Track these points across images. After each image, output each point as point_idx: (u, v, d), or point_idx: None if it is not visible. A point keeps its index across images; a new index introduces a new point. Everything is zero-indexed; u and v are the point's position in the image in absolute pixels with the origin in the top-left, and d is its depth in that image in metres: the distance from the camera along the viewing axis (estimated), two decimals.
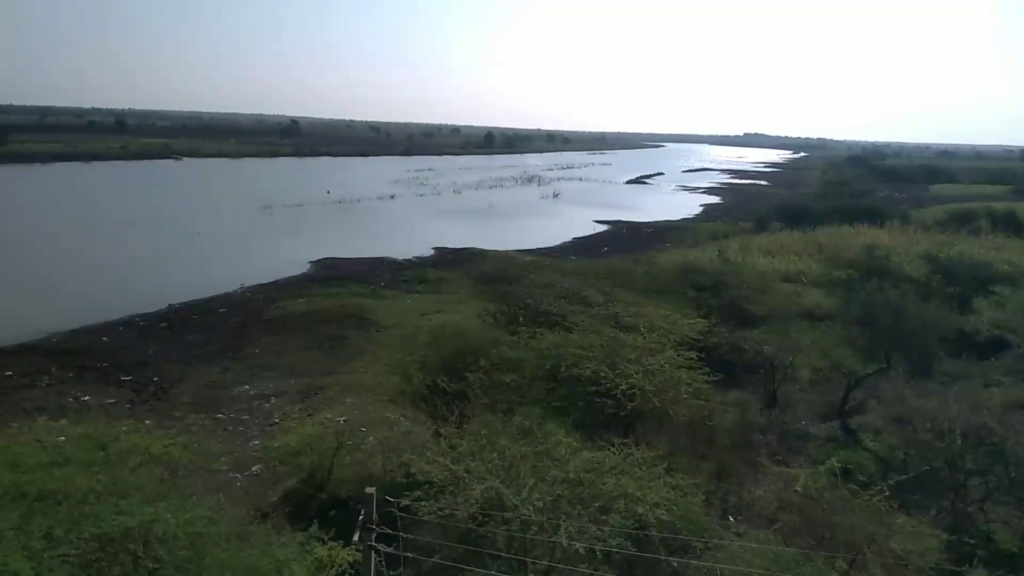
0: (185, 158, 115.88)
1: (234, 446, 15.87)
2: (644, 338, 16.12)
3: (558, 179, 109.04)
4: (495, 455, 10.05)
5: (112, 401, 18.55)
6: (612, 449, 10.88)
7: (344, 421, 15.71)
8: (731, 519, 13.09)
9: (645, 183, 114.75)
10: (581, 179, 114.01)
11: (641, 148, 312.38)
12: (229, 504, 10.62)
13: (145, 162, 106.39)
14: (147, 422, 15.80)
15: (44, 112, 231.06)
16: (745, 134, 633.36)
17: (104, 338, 24.51)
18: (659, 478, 10.28)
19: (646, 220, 63.61)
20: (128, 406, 18.24)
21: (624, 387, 13.40)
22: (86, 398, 18.73)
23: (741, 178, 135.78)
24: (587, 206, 73.26)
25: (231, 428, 17.30)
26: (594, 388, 13.66)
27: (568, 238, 51.92)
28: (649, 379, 13.78)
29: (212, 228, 48.74)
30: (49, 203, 58.67)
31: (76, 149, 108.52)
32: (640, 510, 9.20)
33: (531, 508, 8.81)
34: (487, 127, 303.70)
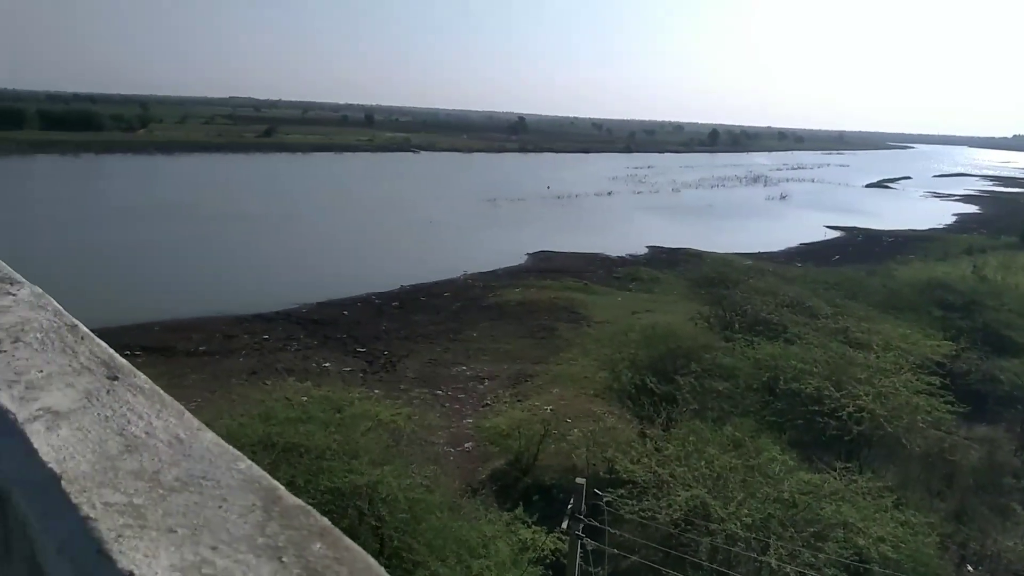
0: (422, 151, 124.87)
1: (450, 422, 16.91)
2: (877, 357, 14.75)
3: (787, 180, 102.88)
4: (703, 463, 9.76)
5: (348, 369, 20.55)
6: (832, 473, 10.11)
7: (551, 410, 16.10)
8: (970, 568, 11.62)
9: (888, 187, 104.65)
10: (813, 181, 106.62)
11: (885, 149, 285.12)
12: (443, 475, 11.32)
13: (387, 154, 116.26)
14: (376, 391, 17.31)
15: (306, 107, 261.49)
16: (1015, 136, 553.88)
17: (345, 312, 27.17)
18: (886, 511, 9.39)
19: (886, 228, 58.00)
20: (361, 375, 20.11)
21: (851, 408, 12.37)
22: (327, 364, 20.91)
23: (1007, 186, 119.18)
24: (818, 210, 68.37)
25: (448, 405, 18.43)
26: (815, 406, 12.76)
27: (794, 243, 48.83)
28: (881, 402, 12.60)
29: (442, 217, 52.09)
30: (307, 189, 66.15)
31: (331, 141, 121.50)
32: (861, 542, 8.48)
33: (738, 523, 8.46)
34: (712, 124, 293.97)
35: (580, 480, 7.07)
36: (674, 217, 59.41)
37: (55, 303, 0.86)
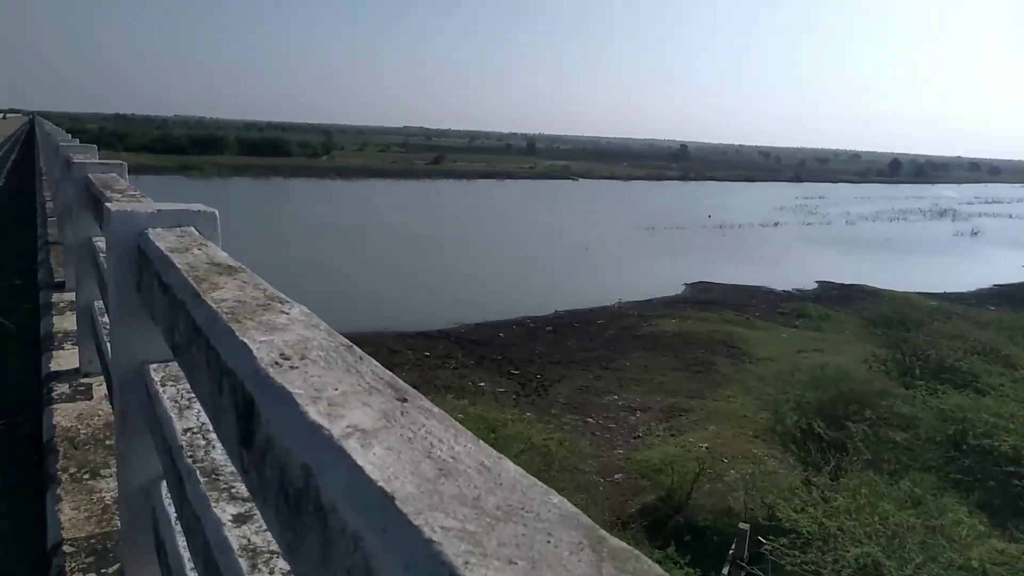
0: (581, 179, 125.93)
1: (600, 451, 16.74)
2: None
3: (979, 215, 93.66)
4: (876, 519, 9.01)
5: (502, 390, 20.94)
6: None
7: (706, 448, 15.54)
8: None
9: None
10: (1011, 216, 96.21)
11: None
12: (593, 505, 11.22)
13: (547, 181, 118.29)
14: (528, 414, 17.53)
15: (472, 136, 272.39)
16: None
17: (500, 334, 27.78)
18: None
19: None
20: (514, 397, 20.42)
21: None
22: (482, 384, 21.44)
23: None
24: (1016, 248, 61.64)
25: (598, 434, 18.27)
26: (1011, 467, 11.42)
27: (987, 284, 44.23)
28: None
29: (598, 244, 52.12)
30: (469, 214, 68.69)
31: (494, 168, 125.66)
32: None
33: None
34: (893, 153, 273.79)
35: (743, 525, 6.75)
36: (847, 251, 55.81)
37: (324, 323, 0.93)
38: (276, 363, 0.77)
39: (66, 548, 2.36)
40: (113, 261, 1.73)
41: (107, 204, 1.84)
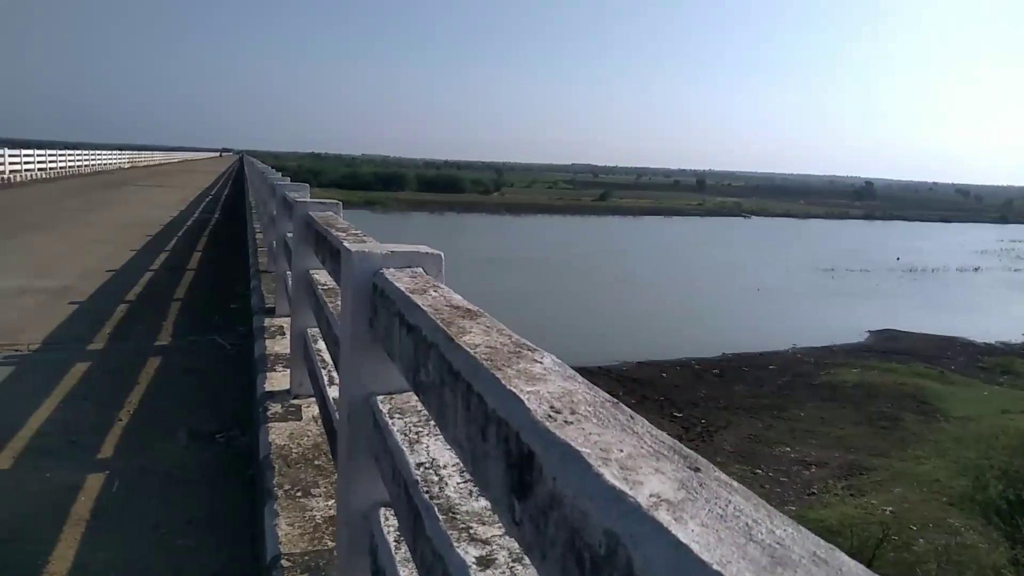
0: (753, 217, 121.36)
1: (771, 505, 15.79)
2: None
3: None
4: None
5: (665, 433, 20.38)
6: None
7: (891, 512, 14.19)
8: None
9: None
10: None
11: None
12: None
13: (717, 219, 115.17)
14: None
15: (640, 173, 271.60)
16: None
17: (663, 374, 27.07)
18: None
19: None
20: (677, 440, 19.80)
21: None
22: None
23: None
24: None
25: (767, 487, 17.22)
26: None
27: None
28: None
29: (771, 285, 49.71)
30: (637, 249, 68.14)
31: (661, 205, 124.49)
32: None
33: None
34: None
35: None
36: None
37: (578, 374, 0.92)
38: (550, 416, 0.76)
39: (284, 563, 2.54)
40: (349, 297, 1.89)
41: (345, 244, 2.02)
